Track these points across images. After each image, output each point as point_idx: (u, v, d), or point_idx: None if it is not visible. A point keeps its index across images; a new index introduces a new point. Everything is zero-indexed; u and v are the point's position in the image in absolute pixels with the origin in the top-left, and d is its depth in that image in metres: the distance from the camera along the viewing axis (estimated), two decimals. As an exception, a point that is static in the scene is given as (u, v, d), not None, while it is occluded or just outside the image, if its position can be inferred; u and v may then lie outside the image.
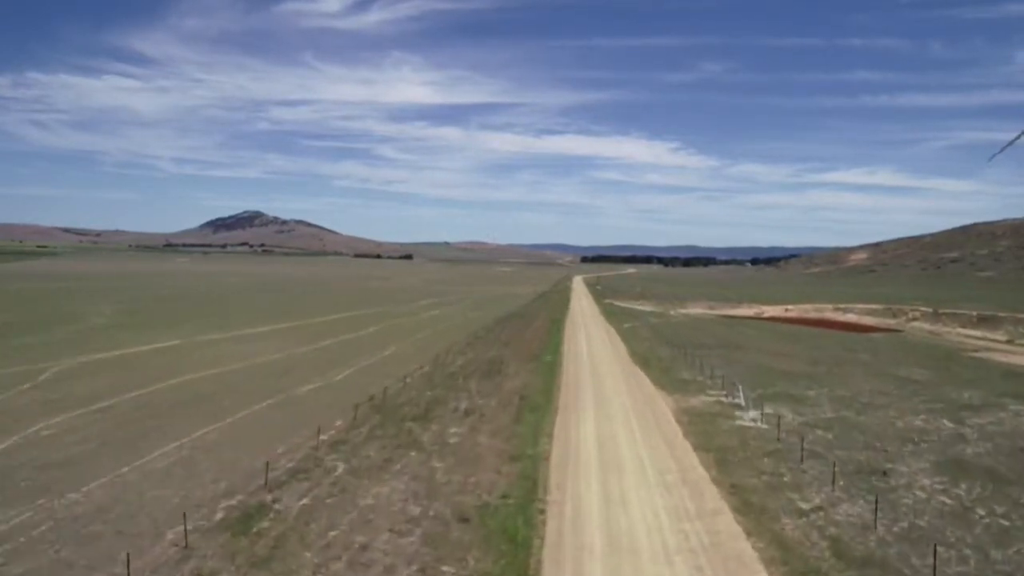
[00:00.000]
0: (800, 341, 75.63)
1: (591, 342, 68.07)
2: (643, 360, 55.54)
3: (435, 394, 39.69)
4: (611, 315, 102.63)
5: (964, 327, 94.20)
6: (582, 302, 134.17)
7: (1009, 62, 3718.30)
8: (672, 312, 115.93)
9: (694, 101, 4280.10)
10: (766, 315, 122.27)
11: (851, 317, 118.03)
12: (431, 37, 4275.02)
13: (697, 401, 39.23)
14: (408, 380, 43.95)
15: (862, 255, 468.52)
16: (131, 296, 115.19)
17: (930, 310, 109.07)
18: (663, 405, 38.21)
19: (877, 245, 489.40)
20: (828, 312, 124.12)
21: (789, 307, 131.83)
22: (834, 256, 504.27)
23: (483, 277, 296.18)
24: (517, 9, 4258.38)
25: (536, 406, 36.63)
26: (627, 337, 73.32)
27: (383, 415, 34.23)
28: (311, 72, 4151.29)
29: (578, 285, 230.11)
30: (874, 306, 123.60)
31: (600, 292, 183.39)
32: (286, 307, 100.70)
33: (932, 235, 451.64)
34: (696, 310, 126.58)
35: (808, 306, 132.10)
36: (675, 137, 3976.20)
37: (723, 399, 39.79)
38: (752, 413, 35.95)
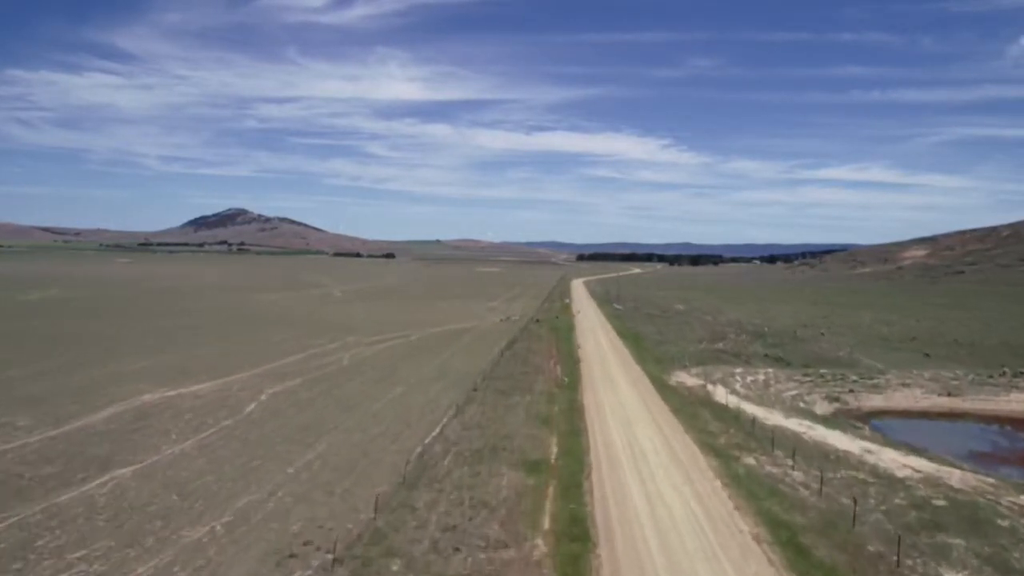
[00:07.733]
0: None
1: None
2: None
3: None
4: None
5: None
6: (630, 418, 41.75)
7: (1000, 56, 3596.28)
8: (959, 480, 34.47)
9: (684, 97, 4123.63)
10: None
11: None
12: (416, 32, 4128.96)
13: None
14: None
15: (919, 252, 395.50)
16: None
17: None
18: None
19: (933, 240, 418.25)
20: None
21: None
22: (883, 253, 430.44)
23: (455, 282, 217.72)
24: (503, 4, 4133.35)
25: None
26: None
27: None
28: (296, 68, 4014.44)
29: (585, 304, 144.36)
30: None
31: (633, 328, 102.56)
32: None
33: (1009, 226, 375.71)
34: (921, 403, 48.54)
35: None
36: (666, 134, 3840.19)
37: None
38: None
